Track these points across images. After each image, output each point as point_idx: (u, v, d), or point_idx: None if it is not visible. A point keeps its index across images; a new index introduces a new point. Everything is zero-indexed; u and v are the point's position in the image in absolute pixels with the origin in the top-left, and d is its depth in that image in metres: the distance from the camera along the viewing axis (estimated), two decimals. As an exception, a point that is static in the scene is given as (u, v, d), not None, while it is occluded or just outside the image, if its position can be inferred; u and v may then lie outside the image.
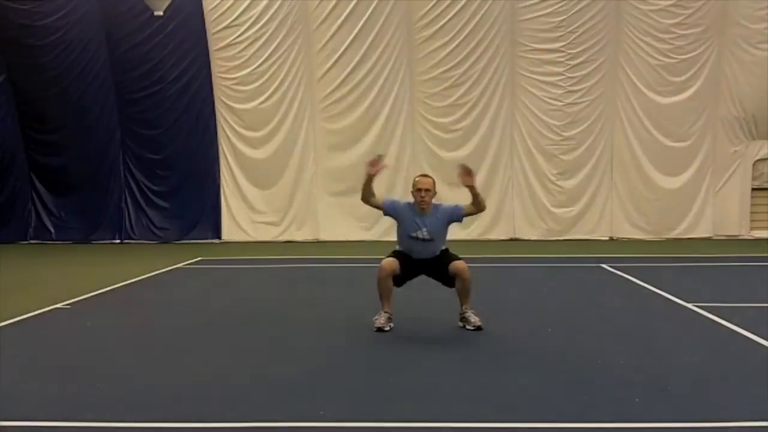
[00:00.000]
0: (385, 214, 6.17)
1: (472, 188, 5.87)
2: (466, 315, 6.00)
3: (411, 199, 6.03)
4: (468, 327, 5.95)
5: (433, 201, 6.00)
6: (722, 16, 13.12)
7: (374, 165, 5.90)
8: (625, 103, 13.59)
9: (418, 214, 5.94)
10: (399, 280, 6.06)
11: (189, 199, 14.32)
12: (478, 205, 5.95)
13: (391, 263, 5.92)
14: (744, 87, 13.34)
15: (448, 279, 6.00)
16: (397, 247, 6.18)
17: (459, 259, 5.97)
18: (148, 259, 11.23)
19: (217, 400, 4.19)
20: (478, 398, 4.19)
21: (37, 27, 13.67)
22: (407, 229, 5.96)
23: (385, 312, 6.01)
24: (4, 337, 5.98)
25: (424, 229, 5.89)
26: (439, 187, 6.19)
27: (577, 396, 4.20)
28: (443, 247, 6.08)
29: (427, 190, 5.88)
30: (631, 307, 6.97)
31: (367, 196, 6.00)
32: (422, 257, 6.01)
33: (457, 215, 5.99)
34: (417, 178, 6.02)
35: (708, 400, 4.16)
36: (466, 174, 5.86)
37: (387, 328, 5.93)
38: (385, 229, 12.48)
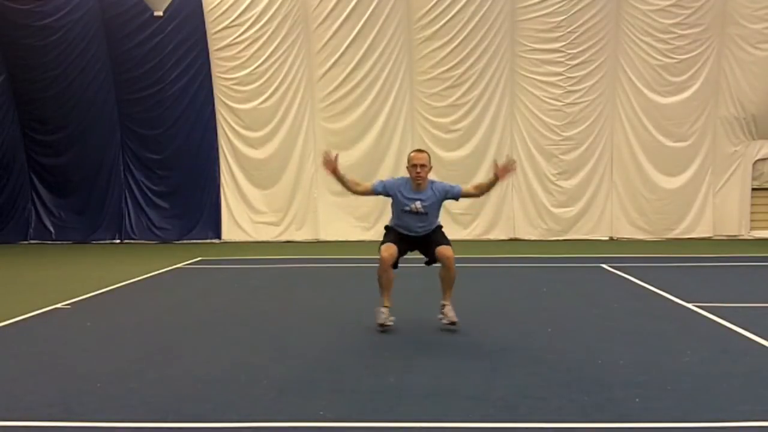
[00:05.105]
0: (378, 194, 6.15)
1: (496, 179, 5.86)
2: (445, 308, 6.00)
3: (406, 175, 6.04)
4: (444, 321, 5.96)
5: (429, 177, 6.00)
6: (722, 16, 13.12)
7: (328, 165, 5.93)
8: (625, 103, 13.60)
9: (413, 189, 5.94)
10: (395, 263, 6.05)
11: (189, 199, 14.34)
12: (484, 192, 6.04)
13: (391, 252, 5.88)
14: (744, 87, 13.35)
15: (434, 259, 6.02)
16: (389, 223, 6.18)
17: (448, 244, 5.95)
18: (148, 259, 11.24)
19: (217, 400, 4.19)
20: (478, 398, 4.19)
21: (37, 27, 13.66)
22: (402, 205, 5.95)
23: (385, 307, 6.01)
24: (4, 337, 5.98)
25: (419, 203, 5.89)
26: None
27: (577, 396, 4.20)
28: (437, 224, 6.09)
29: (422, 165, 5.88)
30: (631, 307, 6.96)
31: (352, 189, 6.08)
32: (415, 233, 6.01)
33: (453, 194, 6.00)
34: (412, 154, 6.01)
35: (708, 400, 4.15)
36: (508, 170, 5.84)
37: (389, 323, 5.94)
38: (385, 229, 12.49)
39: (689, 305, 6.93)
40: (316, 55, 13.70)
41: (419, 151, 6.09)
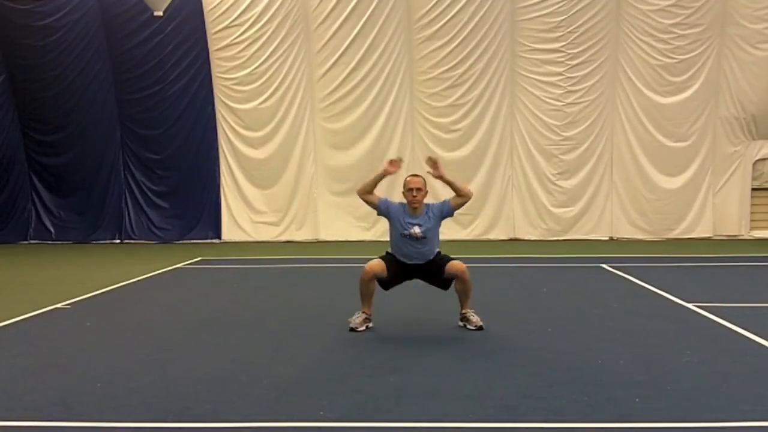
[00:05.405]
0: (379, 213, 6.16)
1: (441, 179, 5.91)
2: (468, 315, 6.01)
3: (404, 200, 6.02)
4: (469, 327, 5.96)
5: (425, 201, 6.00)
6: (722, 16, 13.12)
7: (394, 166, 5.96)
8: (625, 103, 13.60)
9: (410, 214, 5.94)
10: (386, 283, 6.04)
11: (189, 199, 14.34)
12: (459, 193, 5.94)
13: (374, 266, 5.90)
14: (744, 87, 13.34)
15: (444, 281, 6.00)
16: (389, 250, 6.16)
17: (454, 259, 5.95)
18: (148, 259, 11.24)
19: (217, 400, 4.19)
20: (478, 398, 4.20)
21: (37, 27, 13.67)
22: (400, 229, 5.93)
23: (363, 312, 6.02)
24: (4, 337, 5.99)
25: (417, 228, 5.87)
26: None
27: (577, 396, 4.20)
28: (437, 250, 6.05)
29: (418, 189, 5.89)
30: (631, 307, 6.96)
31: (367, 191, 6.02)
32: (416, 262, 5.96)
33: (447, 210, 6.02)
34: (408, 178, 6.02)
35: (708, 400, 4.16)
36: (432, 166, 5.91)
37: (361, 329, 5.95)
38: (385, 229, 12.36)
39: (689, 305, 6.93)
40: (316, 55, 13.70)
41: (415, 175, 6.07)
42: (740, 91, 13.39)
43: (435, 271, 5.97)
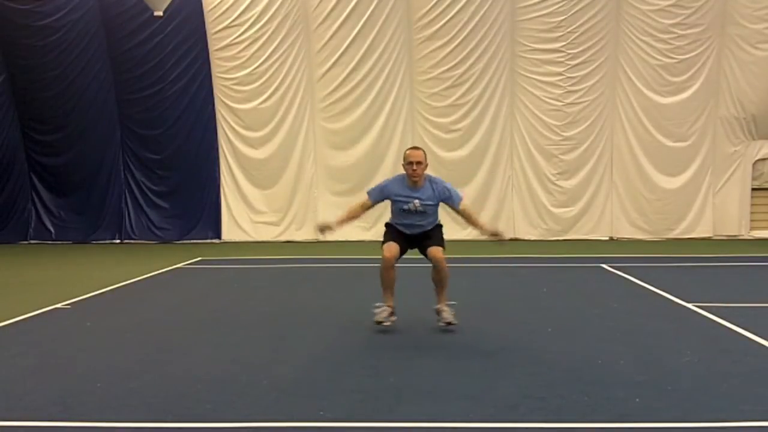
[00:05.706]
0: (377, 203, 6.19)
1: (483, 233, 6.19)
2: (440, 309, 6.02)
3: (401, 173, 6.04)
4: (440, 322, 5.97)
5: (426, 173, 6.01)
6: (722, 16, 13.12)
7: (326, 231, 6.11)
8: (625, 103, 13.60)
9: (410, 187, 5.94)
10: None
11: (189, 199, 14.34)
12: (470, 224, 6.28)
13: (392, 252, 5.89)
14: (744, 87, 13.34)
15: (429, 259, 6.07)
16: (389, 221, 6.19)
17: (440, 245, 5.96)
18: (148, 259, 11.24)
19: (217, 400, 4.20)
20: (478, 398, 4.20)
21: (37, 27, 13.66)
22: (400, 204, 5.97)
23: (387, 306, 6.01)
24: (4, 337, 5.99)
25: (417, 201, 5.90)
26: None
27: (577, 396, 4.20)
28: (436, 222, 6.11)
29: (418, 162, 5.88)
30: (631, 307, 6.96)
31: (357, 216, 6.24)
32: (414, 232, 6.02)
33: (453, 202, 6.04)
34: (408, 152, 6.01)
35: (708, 400, 4.16)
36: (499, 241, 6.06)
37: (387, 323, 5.94)
38: (385, 229, 12.48)
39: (689, 305, 6.93)
40: (316, 55, 13.70)
41: (415, 148, 6.12)
42: (740, 91, 13.39)
43: (425, 244, 6.03)
